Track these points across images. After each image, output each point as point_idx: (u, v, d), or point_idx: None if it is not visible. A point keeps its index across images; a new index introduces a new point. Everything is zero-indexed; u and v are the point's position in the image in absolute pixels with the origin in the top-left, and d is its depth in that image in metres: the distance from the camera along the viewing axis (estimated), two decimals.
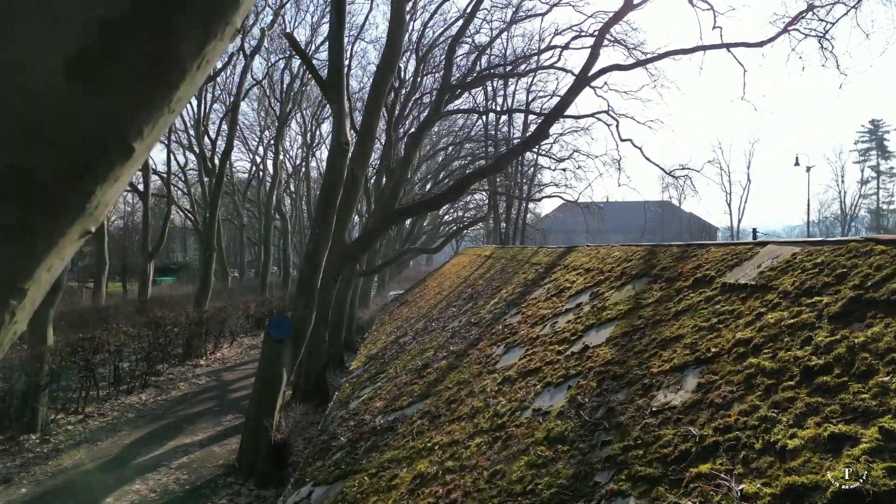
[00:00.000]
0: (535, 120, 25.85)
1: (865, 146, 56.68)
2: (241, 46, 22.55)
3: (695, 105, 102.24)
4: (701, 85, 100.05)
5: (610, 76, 20.46)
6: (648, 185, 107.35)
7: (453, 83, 19.35)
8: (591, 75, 11.65)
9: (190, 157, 34.35)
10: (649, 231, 33.58)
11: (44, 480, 7.91)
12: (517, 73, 23.61)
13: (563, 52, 22.38)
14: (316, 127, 34.12)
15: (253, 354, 17.30)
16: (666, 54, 13.97)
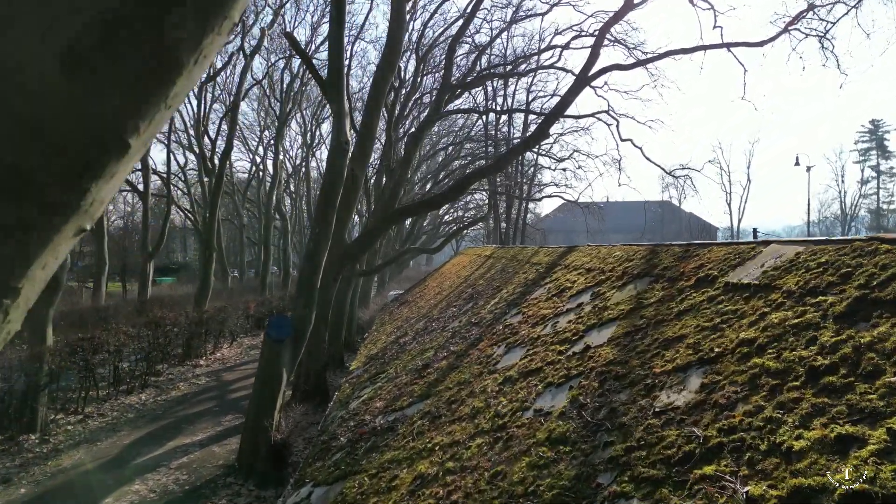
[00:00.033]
0: (535, 120, 25.85)
1: (865, 146, 56.73)
2: (241, 46, 22.54)
3: (695, 105, 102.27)
4: (701, 85, 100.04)
5: (610, 76, 20.52)
6: (648, 185, 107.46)
7: (453, 83, 19.34)
8: (591, 75, 11.64)
9: (190, 157, 34.42)
10: (649, 231, 33.58)
11: (43, 481, 7.90)
12: (517, 73, 23.60)
13: (563, 52, 22.38)
14: (316, 127, 34.15)
15: (253, 354, 17.28)
16: (666, 54, 13.95)
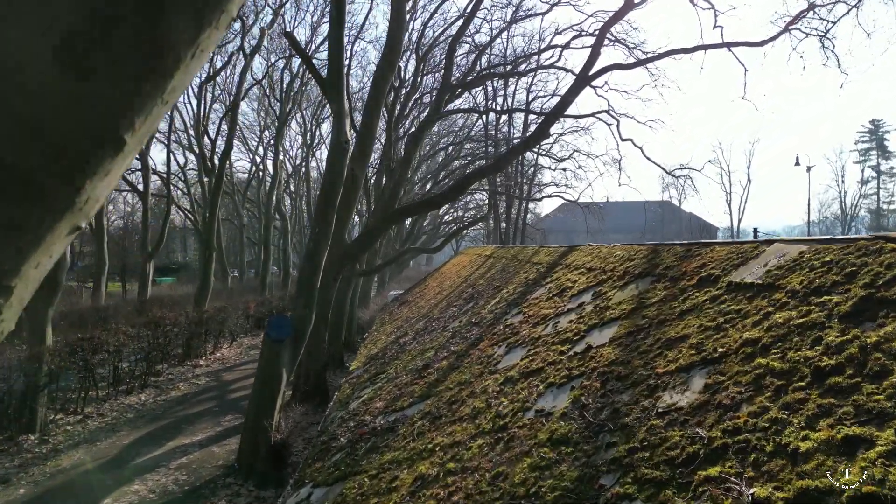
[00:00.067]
0: (535, 120, 25.83)
1: (866, 146, 56.70)
2: (241, 46, 22.50)
3: (695, 104, 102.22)
4: (702, 84, 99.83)
5: (610, 76, 20.49)
6: (649, 185, 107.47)
7: (453, 83, 19.32)
8: (591, 75, 11.62)
9: (190, 157, 34.44)
10: (649, 231, 33.57)
11: (42, 481, 7.88)
12: (517, 73, 23.58)
13: (563, 52, 22.33)
14: (316, 127, 34.14)
15: (253, 354, 17.26)
16: (666, 53, 13.93)
